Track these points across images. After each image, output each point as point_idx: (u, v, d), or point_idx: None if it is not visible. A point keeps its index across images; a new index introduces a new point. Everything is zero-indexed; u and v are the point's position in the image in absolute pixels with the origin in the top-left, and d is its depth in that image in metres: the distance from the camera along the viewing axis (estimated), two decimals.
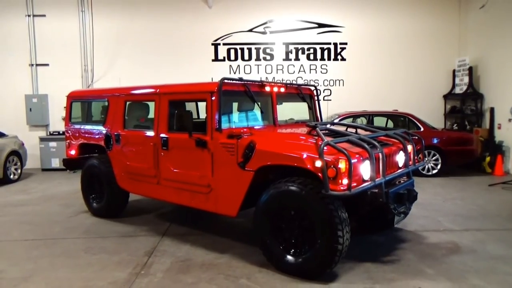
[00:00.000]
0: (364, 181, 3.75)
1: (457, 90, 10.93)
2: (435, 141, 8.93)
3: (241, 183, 4.10)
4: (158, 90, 5.02)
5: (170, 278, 3.83)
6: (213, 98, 4.33)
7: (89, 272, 4.02)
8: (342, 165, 3.50)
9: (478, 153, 9.33)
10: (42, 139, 10.72)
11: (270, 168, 4.01)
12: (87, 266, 4.17)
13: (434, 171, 8.96)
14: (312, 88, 5.87)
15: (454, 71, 11.06)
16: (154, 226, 5.53)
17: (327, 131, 4.28)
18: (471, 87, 10.48)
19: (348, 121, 9.17)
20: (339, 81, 11.33)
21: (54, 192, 7.99)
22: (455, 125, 10.99)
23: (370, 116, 9.45)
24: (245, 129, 4.38)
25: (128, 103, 5.49)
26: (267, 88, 4.99)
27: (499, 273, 3.89)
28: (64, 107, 10.88)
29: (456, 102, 11.20)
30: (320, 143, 3.58)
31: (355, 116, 9.53)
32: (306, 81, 11.09)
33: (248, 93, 4.70)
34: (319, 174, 3.53)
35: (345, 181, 3.50)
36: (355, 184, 3.58)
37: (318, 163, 3.49)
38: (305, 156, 3.65)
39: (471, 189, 7.80)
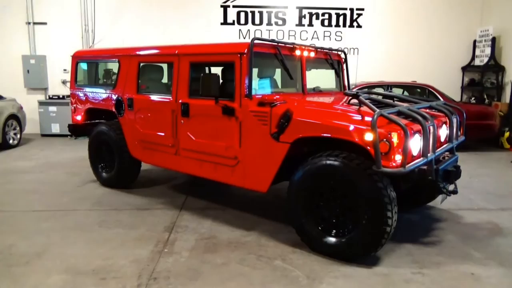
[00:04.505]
0: (414, 156, 3.37)
1: (477, 62, 10.45)
2: None
3: (274, 156, 3.72)
4: (177, 51, 4.52)
5: (197, 258, 3.51)
6: (243, 60, 3.86)
7: (107, 249, 3.68)
8: (396, 138, 3.11)
9: (497, 128, 9.00)
10: (41, 103, 10.18)
11: (307, 141, 3.62)
12: (104, 242, 3.84)
13: None
14: (342, 54, 5.40)
15: (475, 41, 10.53)
16: (170, 198, 5.18)
17: (369, 101, 3.86)
18: (492, 59, 10.00)
19: (362, 91, 8.72)
20: (354, 49, 10.78)
21: (57, 159, 7.59)
22: (472, 98, 10.58)
23: (388, 87, 8.99)
24: (277, 96, 3.95)
25: (142, 64, 5.00)
26: (298, 52, 4.53)
27: None
28: (64, 70, 10.48)
29: (475, 74, 10.74)
30: (371, 113, 3.17)
31: (371, 86, 9.08)
32: None
33: (278, 56, 4.24)
34: (368, 148, 3.15)
35: (398, 157, 3.13)
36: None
37: (369, 136, 3.10)
38: (352, 127, 3.25)
39: (494, 165, 7.51)
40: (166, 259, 3.49)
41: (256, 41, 3.92)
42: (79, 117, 5.94)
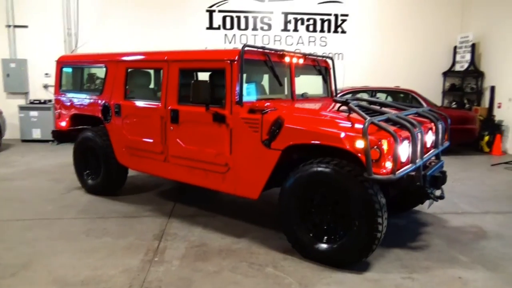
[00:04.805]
0: (403, 163, 3.43)
1: (458, 68, 10.72)
2: None
3: (265, 163, 3.73)
4: (166, 57, 4.49)
5: (188, 266, 3.48)
6: (234, 67, 3.87)
7: (96, 259, 3.61)
8: (386, 146, 3.17)
9: (477, 132, 9.24)
10: (22, 108, 9.93)
11: (298, 147, 3.64)
12: (92, 252, 3.76)
13: None
14: (329, 60, 5.46)
15: (455, 47, 10.81)
16: (158, 205, 5.12)
17: (357, 108, 3.91)
18: (472, 64, 10.28)
19: (347, 97, 8.83)
20: (339, 54, 10.91)
21: (40, 165, 7.42)
22: (453, 103, 10.84)
23: (373, 92, 9.14)
24: (268, 103, 3.96)
25: (130, 70, 4.95)
26: (287, 59, 4.56)
27: None
28: (46, 74, 10.27)
29: (456, 79, 11.02)
30: (361, 120, 3.22)
31: (356, 92, 9.21)
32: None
33: (268, 63, 4.26)
34: (359, 155, 3.19)
35: (388, 164, 3.18)
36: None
37: (360, 143, 3.15)
38: (343, 135, 3.29)
39: (475, 168, 7.70)
40: (156, 268, 3.44)
41: (246, 48, 3.93)
42: (63, 123, 5.83)
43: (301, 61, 4.79)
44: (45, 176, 6.60)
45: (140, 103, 4.81)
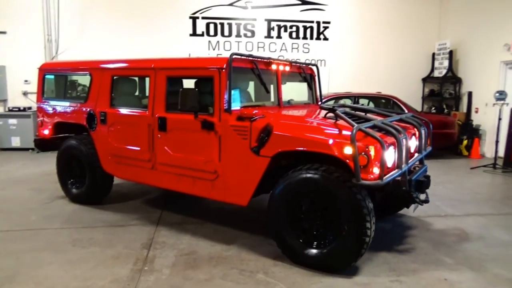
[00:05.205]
0: (389, 168, 3.52)
1: (436, 74, 11.03)
2: None
3: (254, 170, 3.75)
4: (153, 65, 4.48)
5: (179, 275, 3.47)
6: (222, 75, 3.89)
7: (84, 269, 3.56)
8: (373, 152, 3.24)
9: (456, 136, 9.50)
10: (0, 116, 9.70)
11: (286, 154, 3.69)
12: (80, 262, 3.70)
13: None
14: (314, 67, 5.55)
15: (433, 54, 11.12)
16: (145, 214, 5.08)
17: (344, 114, 3.99)
18: (450, 71, 10.59)
19: (330, 103, 8.97)
20: (321, 61, 11.08)
21: (20, 174, 7.24)
22: (433, 108, 11.13)
23: (355, 98, 9.30)
24: (256, 110, 4.00)
25: (115, 78, 4.91)
26: (274, 67, 4.62)
27: None
28: (26, 81, 10.06)
29: (434, 85, 11.33)
30: (348, 127, 3.29)
31: (339, 98, 9.36)
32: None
33: (255, 71, 4.31)
34: (347, 161, 3.26)
35: (375, 170, 3.26)
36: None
37: (349, 150, 3.21)
38: (331, 141, 3.35)
39: (455, 172, 7.92)
40: (147, 278, 3.41)
41: (234, 56, 3.96)
42: (46, 131, 5.72)
43: (287, 68, 4.86)
44: (26, 185, 6.45)
45: (126, 111, 4.77)
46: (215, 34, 10.66)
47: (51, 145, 5.89)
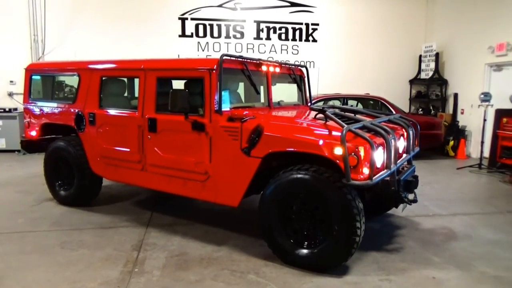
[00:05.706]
0: (378, 168, 3.56)
1: (423, 76, 11.19)
2: None
3: (245, 171, 3.76)
4: (143, 65, 4.46)
5: (169, 276, 3.45)
6: (212, 76, 3.90)
7: (73, 272, 3.52)
8: (363, 152, 3.28)
9: (443, 137, 9.65)
10: None
11: (277, 155, 3.70)
12: (69, 264, 3.66)
13: None
14: (304, 69, 5.59)
15: (420, 56, 11.29)
16: (134, 215, 5.04)
17: (333, 115, 4.03)
18: (436, 72, 10.76)
19: (320, 104, 9.03)
20: (310, 62, 11.14)
21: (6, 176, 7.12)
22: (420, 109, 11.29)
23: (344, 100, 9.38)
24: (247, 111, 4.01)
25: (104, 79, 4.87)
26: (264, 68, 4.64)
27: (501, 259, 3.93)
28: (11, 81, 9.91)
29: (421, 87, 11.49)
30: (338, 128, 3.33)
31: (328, 99, 9.43)
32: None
33: (246, 72, 4.32)
34: (337, 162, 3.29)
35: (365, 170, 3.29)
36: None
37: (339, 150, 3.25)
38: (321, 142, 3.38)
39: (441, 172, 8.04)
40: (137, 279, 3.40)
41: (224, 57, 3.97)
42: (33, 133, 5.64)
43: (277, 69, 4.88)
44: (13, 187, 6.34)
45: (116, 112, 4.74)
46: (204, 35, 10.64)
47: (38, 146, 5.81)
